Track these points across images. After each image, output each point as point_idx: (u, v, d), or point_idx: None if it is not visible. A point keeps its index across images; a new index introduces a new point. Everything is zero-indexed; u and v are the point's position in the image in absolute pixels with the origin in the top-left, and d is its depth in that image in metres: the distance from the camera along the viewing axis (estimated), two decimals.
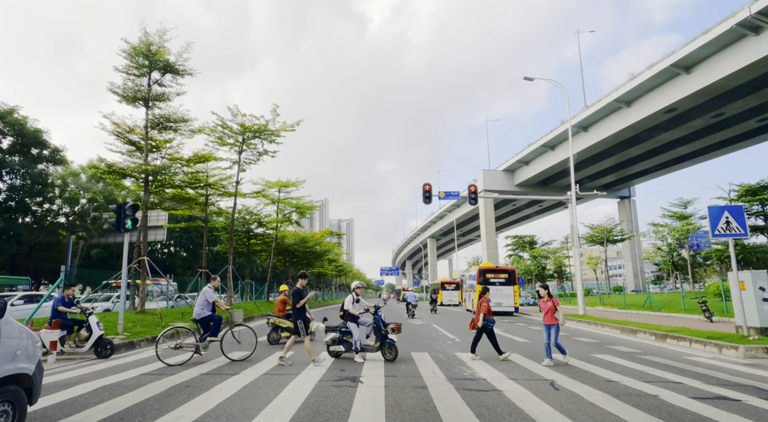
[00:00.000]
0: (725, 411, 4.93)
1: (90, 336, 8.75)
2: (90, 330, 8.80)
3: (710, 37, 26.50)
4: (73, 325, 8.99)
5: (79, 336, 8.86)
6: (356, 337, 8.38)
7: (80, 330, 8.91)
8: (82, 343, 8.79)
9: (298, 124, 23.34)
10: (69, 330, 8.97)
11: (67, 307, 9.16)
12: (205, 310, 8.40)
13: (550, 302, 8.20)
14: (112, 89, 16.45)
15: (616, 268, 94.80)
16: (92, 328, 8.78)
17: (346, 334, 8.50)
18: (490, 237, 55.95)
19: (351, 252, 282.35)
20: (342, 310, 8.70)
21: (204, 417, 4.63)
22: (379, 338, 8.35)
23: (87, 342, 8.72)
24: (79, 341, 8.82)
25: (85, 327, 8.88)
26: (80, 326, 8.98)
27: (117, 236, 30.96)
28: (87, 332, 8.82)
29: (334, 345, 8.57)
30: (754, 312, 10.57)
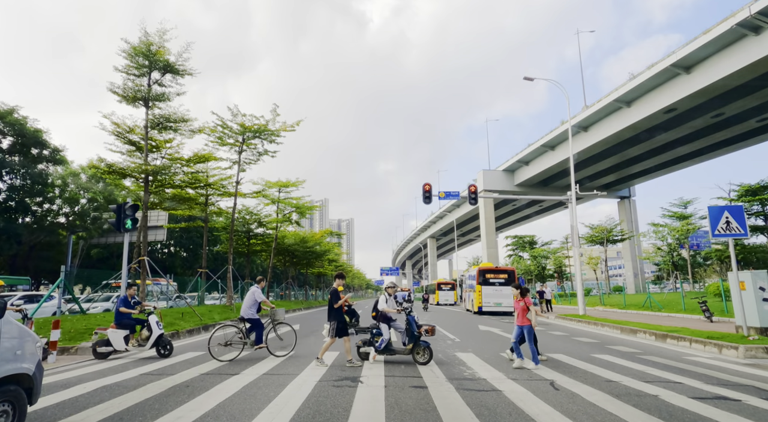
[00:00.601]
0: (725, 411, 4.93)
1: (150, 335, 8.80)
2: (150, 329, 8.85)
3: (710, 37, 26.49)
4: (135, 324, 9.03)
5: (140, 335, 8.93)
6: (385, 337, 8.14)
7: (142, 329, 8.98)
8: (144, 342, 8.85)
9: (298, 124, 23.33)
10: (132, 329, 9.01)
11: (129, 307, 9.19)
12: (253, 309, 9.06)
13: (522, 303, 7.99)
14: (112, 89, 16.44)
15: (616, 268, 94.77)
16: (152, 327, 8.83)
17: (378, 335, 8.29)
18: (490, 237, 55.94)
19: (351, 252, 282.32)
20: (375, 310, 8.49)
21: (204, 417, 4.63)
22: (412, 339, 8.09)
23: (148, 341, 8.77)
24: (141, 340, 8.89)
25: (146, 326, 8.93)
26: (142, 325, 9.03)
27: (117, 236, 30.96)
28: (148, 331, 8.88)
29: (364, 346, 8.36)
30: (754, 312, 10.57)
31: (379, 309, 8.40)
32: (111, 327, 8.89)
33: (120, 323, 8.92)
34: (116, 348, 8.66)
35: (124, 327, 8.90)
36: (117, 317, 9.02)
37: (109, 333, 8.75)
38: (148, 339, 8.82)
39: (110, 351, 8.72)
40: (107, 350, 8.68)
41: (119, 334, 8.74)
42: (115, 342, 8.65)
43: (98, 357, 8.65)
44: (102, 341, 8.73)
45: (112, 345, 8.66)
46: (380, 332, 8.27)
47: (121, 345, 8.68)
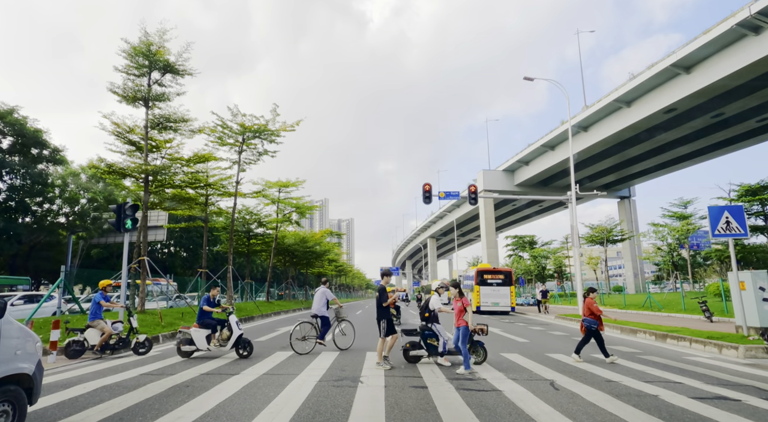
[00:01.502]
0: (725, 411, 4.93)
1: (231, 336, 8.72)
2: (231, 329, 8.77)
3: (710, 37, 26.49)
4: (216, 324, 8.96)
5: (221, 334, 8.87)
6: (445, 339, 7.81)
7: (222, 329, 8.92)
8: (225, 342, 8.78)
9: (298, 124, 23.33)
10: (213, 329, 8.93)
11: (211, 307, 9.14)
12: (324, 307, 9.78)
13: (459, 303, 7.62)
14: (112, 89, 16.45)
15: (616, 268, 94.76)
16: (233, 328, 8.74)
17: (429, 337, 7.90)
18: (490, 237, 55.94)
19: (351, 252, 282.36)
20: (426, 311, 8.13)
21: (204, 417, 4.63)
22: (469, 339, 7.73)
23: (229, 342, 8.70)
24: (222, 340, 8.82)
25: (227, 326, 8.86)
26: (222, 325, 8.96)
27: (117, 236, 30.96)
28: (228, 331, 8.80)
29: (413, 349, 7.98)
30: (754, 312, 10.57)
31: (432, 309, 8.00)
32: (194, 326, 8.85)
33: (203, 322, 8.86)
34: (199, 347, 8.59)
35: (206, 326, 8.84)
36: (200, 316, 8.99)
37: (192, 332, 8.69)
38: (228, 339, 8.73)
39: (193, 350, 8.66)
40: (190, 349, 8.63)
41: (202, 333, 8.69)
42: (198, 341, 8.60)
43: (183, 356, 8.64)
44: (185, 340, 8.68)
45: (195, 344, 8.60)
46: (433, 334, 7.91)
47: (203, 345, 8.62)
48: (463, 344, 7.34)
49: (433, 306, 8.02)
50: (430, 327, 7.96)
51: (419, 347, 7.94)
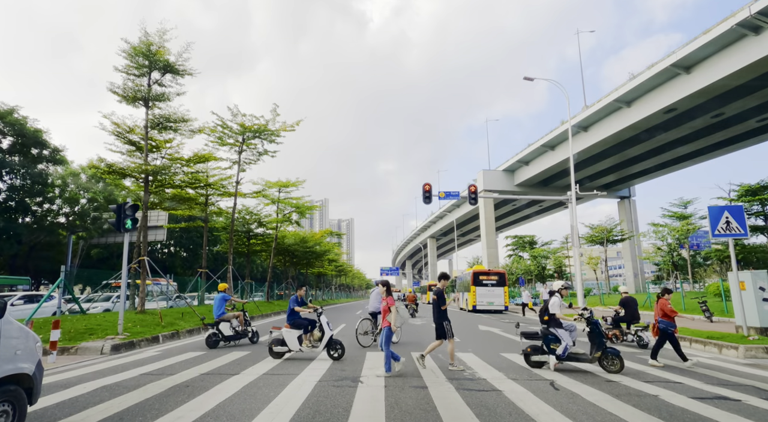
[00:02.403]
0: (725, 411, 4.93)
1: (323, 336, 8.60)
2: (322, 330, 8.65)
3: (710, 37, 26.49)
4: (307, 324, 8.87)
5: (312, 335, 8.79)
6: (567, 343, 7.37)
7: (313, 329, 8.84)
8: (316, 343, 8.69)
9: (298, 124, 23.34)
10: (305, 329, 8.84)
11: (300, 307, 9.11)
12: (379, 306, 10.01)
13: (384, 302, 7.30)
14: (112, 89, 16.44)
15: (616, 268, 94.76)
16: (324, 328, 8.62)
17: (552, 342, 7.51)
18: (490, 237, 55.93)
19: (351, 252, 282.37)
20: (547, 314, 7.67)
21: (204, 417, 4.63)
22: (600, 346, 7.28)
23: (321, 342, 8.58)
24: (314, 341, 8.74)
25: (318, 326, 8.75)
26: (313, 326, 8.88)
27: (117, 236, 30.95)
28: (320, 332, 8.70)
29: (535, 353, 7.60)
30: (754, 312, 10.57)
31: (552, 313, 7.61)
32: (285, 327, 8.72)
33: (294, 322, 8.76)
34: (291, 348, 8.46)
35: (297, 326, 8.72)
36: (290, 316, 8.89)
37: (283, 332, 8.59)
38: (320, 340, 8.62)
39: (285, 351, 8.53)
40: (282, 349, 8.52)
41: (293, 334, 8.56)
42: (290, 342, 8.46)
43: (275, 357, 8.52)
44: (277, 340, 8.59)
45: (287, 345, 8.48)
46: (555, 338, 7.56)
47: (295, 345, 8.47)
48: (386, 345, 7.03)
49: (553, 310, 7.59)
50: (552, 330, 7.58)
51: (541, 351, 7.58)
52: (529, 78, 24.36)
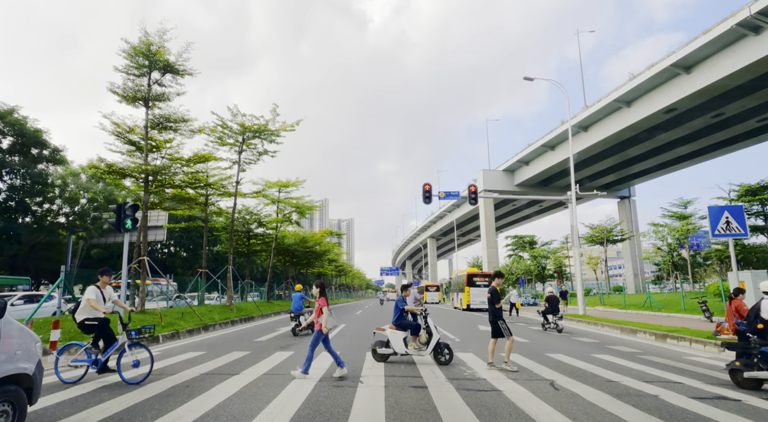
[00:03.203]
0: (725, 411, 4.93)
1: (430, 339, 8.33)
2: (429, 332, 8.40)
3: (710, 37, 26.50)
4: (416, 326, 8.63)
5: (420, 338, 8.59)
6: None
7: (420, 332, 8.64)
8: (422, 346, 8.49)
9: (297, 123, 23.34)
10: (413, 330, 8.62)
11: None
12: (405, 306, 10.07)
13: (316, 304, 7.09)
14: (112, 89, 16.44)
15: (616, 268, 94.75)
16: (431, 331, 8.41)
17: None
18: (490, 237, 55.96)
19: (351, 252, 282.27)
20: (759, 322, 6.29)
21: (204, 417, 4.63)
22: None
23: (428, 346, 8.33)
24: (421, 343, 8.55)
25: (425, 328, 8.54)
26: (419, 327, 8.66)
27: (117, 236, 30.94)
28: (427, 334, 8.45)
29: (748, 369, 6.10)
30: None
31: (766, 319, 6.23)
32: (389, 328, 8.45)
33: (400, 324, 8.48)
34: (396, 350, 8.15)
35: (404, 328, 8.47)
36: (398, 317, 8.63)
37: (388, 333, 8.29)
38: (427, 343, 8.32)
39: (390, 354, 8.21)
40: (387, 352, 8.21)
41: (399, 336, 8.24)
42: (396, 344, 8.17)
43: (378, 360, 8.26)
44: (381, 342, 8.35)
45: (393, 347, 8.18)
46: None
47: (401, 348, 8.17)
48: (312, 346, 6.85)
49: (765, 314, 6.22)
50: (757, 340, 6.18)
51: (756, 367, 6.08)
52: (529, 78, 24.37)
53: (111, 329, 6.89)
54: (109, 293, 7.04)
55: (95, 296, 6.70)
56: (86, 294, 6.70)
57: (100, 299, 6.82)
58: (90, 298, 6.61)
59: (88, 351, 6.62)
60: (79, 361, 6.51)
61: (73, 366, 6.53)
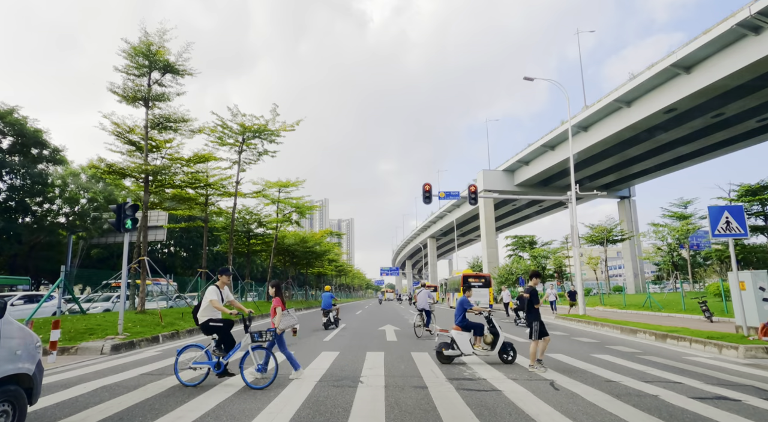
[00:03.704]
0: (725, 411, 4.93)
1: (496, 340, 8.33)
2: (495, 332, 8.39)
3: (710, 37, 26.48)
4: (480, 326, 8.59)
5: (485, 338, 8.53)
6: None
7: (484, 332, 8.57)
8: (487, 346, 8.44)
9: (297, 124, 23.36)
10: (477, 330, 8.54)
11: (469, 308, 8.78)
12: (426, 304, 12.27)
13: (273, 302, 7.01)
14: (112, 89, 16.45)
15: (616, 268, 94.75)
16: (497, 331, 8.37)
17: None
18: (490, 237, 55.96)
19: (351, 252, 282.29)
20: None
21: (204, 417, 4.63)
22: None
23: (496, 346, 8.29)
24: (485, 343, 8.48)
25: (490, 329, 8.48)
26: (482, 328, 8.60)
27: (117, 236, 30.94)
28: (492, 335, 8.41)
29: None
30: (754, 312, 10.57)
31: None
32: (454, 328, 8.40)
33: (465, 325, 8.43)
34: (463, 351, 8.10)
35: (468, 328, 8.40)
36: (463, 318, 8.60)
37: (453, 334, 8.23)
38: (493, 344, 8.29)
39: (457, 355, 8.17)
40: (454, 353, 8.17)
41: (464, 336, 8.20)
42: (462, 345, 8.12)
43: (444, 361, 8.15)
44: (446, 343, 8.32)
45: (459, 349, 8.13)
46: None
47: (468, 349, 8.13)
48: (280, 347, 6.86)
49: None
50: None
51: None
52: (529, 78, 24.36)
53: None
54: (226, 294, 6.91)
55: (217, 297, 6.59)
56: (208, 295, 6.54)
57: (220, 300, 6.70)
58: (213, 299, 6.45)
59: (209, 353, 6.40)
60: (200, 363, 6.30)
61: (194, 368, 6.31)
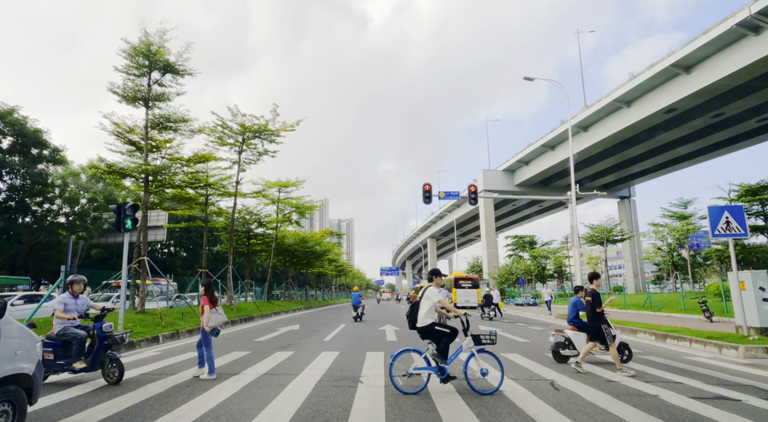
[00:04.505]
0: (725, 411, 4.93)
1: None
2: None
3: (710, 37, 26.50)
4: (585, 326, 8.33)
5: None
6: None
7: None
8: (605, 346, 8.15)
9: (298, 124, 23.34)
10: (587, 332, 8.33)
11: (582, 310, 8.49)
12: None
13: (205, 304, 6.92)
14: (112, 89, 16.44)
15: (616, 268, 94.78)
16: (613, 332, 8.11)
17: None
18: (490, 237, 56.00)
19: (351, 252, 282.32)
20: None
21: (204, 417, 4.63)
22: None
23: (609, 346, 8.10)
24: (600, 343, 8.16)
25: (604, 328, 8.19)
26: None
27: (117, 236, 30.97)
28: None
29: None
30: (754, 312, 10.57)
31: None
32: (569, 328, 8.27)
33: (580, 325, 8.28)
34: (580, 351, 7.86)
35: (582, 328, 8.22)
36: (576, 317, 8.40)
37: (570, 334, 8.11)
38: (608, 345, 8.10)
39: (574, 354, 8.04)
40: (572, 353, 8.03)
41: (581, 337, 8.03)
42: (579, 344, 7.98)
43: (559, 360, 8.17)
44: (562, 343, 8.19)
45: (576, 348, 7.98)
46: None
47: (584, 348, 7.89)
48: (206, 347, 6.80)
49: None
50: None
51: None
52: (529, 78, 24.35)
53: None
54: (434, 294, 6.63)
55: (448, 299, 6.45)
56: (437, 296, 6.25)
57: None
58: (443, 300, 6.27)
59: (428, 359, 6.10)
60: (420, 369, 6.05)
61: (416, 373, 6.06)
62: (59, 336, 6.37)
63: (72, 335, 6.38)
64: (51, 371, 6.21)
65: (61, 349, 6.34)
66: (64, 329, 6.40)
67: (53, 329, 6.47)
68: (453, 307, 6.24)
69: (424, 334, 6.13)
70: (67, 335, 6.37)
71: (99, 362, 6.39)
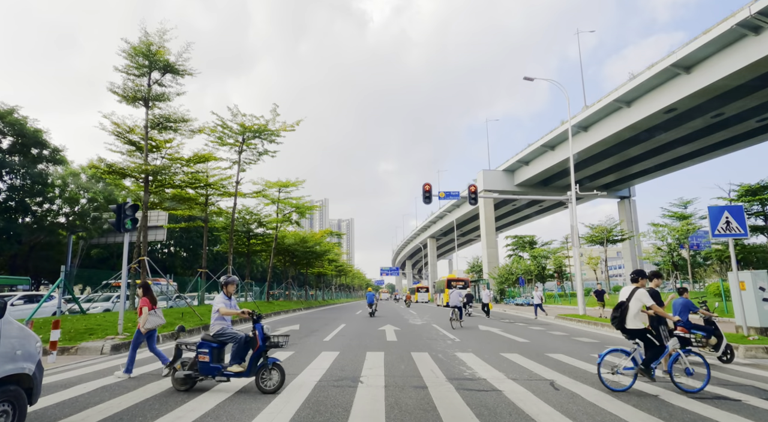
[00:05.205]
0: (725, 411, 4.94)
1: (719, 342, 8.07)
2: (719, 335, 8.08)
3: (710, 37, 26.49)
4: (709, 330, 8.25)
5: (710, 340, 8.24)
6: None
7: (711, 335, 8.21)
8: (713, 348, 8.17)
9: (298, 124, 23.35)
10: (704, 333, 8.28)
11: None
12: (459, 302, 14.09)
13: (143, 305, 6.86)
14: (112, 89, 16.45)
15: (616, 268, 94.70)
16: (720, 334, 8.04)
17: None
18: (490, 237, 55.98)
19: (351, 252, 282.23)
20: None
21: (204, 417, 4.63)
22: None
23: (718, 348, 8.05)
24: (710, 346, 8.22)
25: (713, 331, 8.13)
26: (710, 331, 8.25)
27: (117, 236, 30.96)
28: (716, 337, 8.13)
29: None
30: (754, 312, 10.57)
31: None
32: (679, 330, 7.94)
33: (690, 327, 8.14)
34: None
35: (693, 331, 8.12)
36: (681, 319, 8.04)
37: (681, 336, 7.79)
38: (716, 346, 8.04)
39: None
40: None
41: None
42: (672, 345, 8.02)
43: None
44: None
45: None
46: None
47: None
48: (132, 346, 6.78)
49: None
50: None
51: None
52: (529, 78, 24.37)
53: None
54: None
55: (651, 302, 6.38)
56: (649, 301, 6.23)
57: None
58: (654, 305, 6.25)
59: (634, 360, 6.13)
60: (629, 369, 6.09)
61: (624, 373, 6.16)
62: (216, 336, 5.92)
63: (231, 335, 5.92)
64: (204, 375, 5.77)
65: (217, 351, 5.89)
66: (222, 329, 5.95)
67: (211, 329, 6.07)
68: (665, 312, 6.35)
69: (632, 335, 6.23)
70: (225, 335, 5.92)
71: (256, 366, 5.81)
